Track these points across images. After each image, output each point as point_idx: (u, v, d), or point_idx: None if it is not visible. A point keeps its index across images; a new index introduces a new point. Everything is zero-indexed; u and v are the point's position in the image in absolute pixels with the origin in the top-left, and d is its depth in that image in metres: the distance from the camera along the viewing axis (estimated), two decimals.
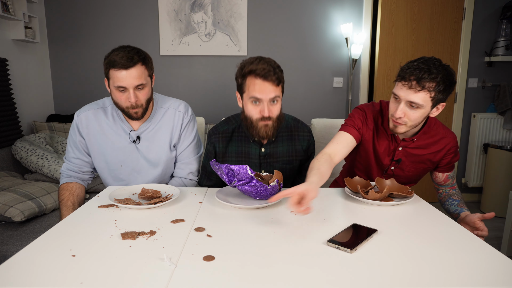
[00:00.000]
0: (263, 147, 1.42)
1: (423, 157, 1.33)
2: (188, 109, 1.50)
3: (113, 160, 1.44)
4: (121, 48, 1.30)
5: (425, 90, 1.12)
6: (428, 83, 1.12)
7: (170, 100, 1.50)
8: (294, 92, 3.14)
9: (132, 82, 1.27)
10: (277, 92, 1.29)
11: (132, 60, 1.26)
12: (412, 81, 1.13)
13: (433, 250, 0.87)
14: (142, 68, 1.29)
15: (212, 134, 1.46)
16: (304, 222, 1.04)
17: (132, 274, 0.75)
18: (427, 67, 1.12)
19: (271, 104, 1.30)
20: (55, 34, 3.01)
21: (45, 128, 2.71)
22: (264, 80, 1.26)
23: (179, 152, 1.50)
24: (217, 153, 1.45)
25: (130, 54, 1.27)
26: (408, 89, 1.14)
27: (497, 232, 2.70)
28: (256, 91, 1.27)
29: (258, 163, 1.44)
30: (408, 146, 1.32)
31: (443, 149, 1.32)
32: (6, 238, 1.72)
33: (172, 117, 1.46)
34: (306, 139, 1.46)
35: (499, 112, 3.18)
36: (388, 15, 2.99)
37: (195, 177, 1.54)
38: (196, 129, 1.54)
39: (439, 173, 1.40)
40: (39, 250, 0.85)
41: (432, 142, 1.32)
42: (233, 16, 3.00)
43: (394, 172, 1.39)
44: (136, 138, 1.43)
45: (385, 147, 1.34)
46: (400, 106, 1.17)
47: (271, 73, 1.25)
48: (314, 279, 0.74)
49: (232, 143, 1.44)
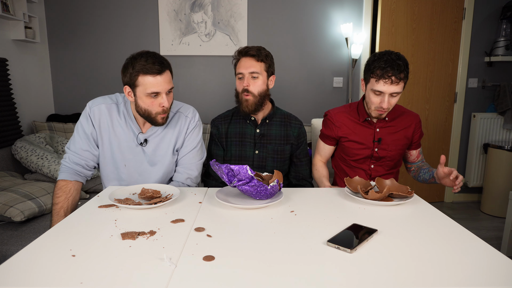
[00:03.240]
0: (258, 128, 1.58)
1: (398, 133, 1.55)
2: (195, 115, 1.49)
3: (118, 158, 1.42)
4: (144, 54, 1.28)
5: (401, 81, 1.39)
6: (400, 75, 1.38)
7: (179, 104, 1.50)
8: (294, 92, 3.14)
9: (165, 86, 1.29)
10: (257, 68, 1.49)
11: (163, 64, 1.28)
12: (391, 77, 1.37)
13: (433, 250, 0.87)
14: (169, 72, 1.32)
15: (215, 119, 1.65)
16: (304, 222, 1.04)
17: (132, 274, 0.75)
18: (396, 64, 1.37)
19: (251, 78, 1.50)
20: (55, 34, 3.01)
21: (45, 128, 2.71)
22: (245, 56, 1.50)
23: (181, 156, 1.48)
24: (221, 133, 1.61)
25: (159, 59, 1.28)
26: (390, 85, 1.38)
27: (497, 232, 2.70)
28: (240, 67, 1.51)
29: (253, 142, 1.58)
30: (384, 125, 1.55)
31: (412, 124, 1.56)
32: (6, 238, 1.72)
33: (180, 121, 1.45)
34: (297, 127, 1.62)
35: (499, 112, 3.18)
36: (388, 15, 2.99)
37: (194, 183, 1.51)
38: (201, 136, 1.52)
39: (412, 151, 1.63)
40: (39, 250, 0.85)
41: (400, 117, 1.55)
42: (233, 16, 3.00)
43: (379, 153, 1.55)
44: (144, 141, 1.42)
45: (366, 134, 1.55)
46: (386, 99, 1.41)
47: (253, 50, 1.49)
48: (314, 279, 0.74)
49: (231, 125, 1.61)
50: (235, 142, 1.59)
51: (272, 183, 1.15)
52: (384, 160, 1.56)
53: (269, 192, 1.16)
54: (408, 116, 1.57)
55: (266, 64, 1.51)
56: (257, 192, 1.15)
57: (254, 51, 1.49)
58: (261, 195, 1.16)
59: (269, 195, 1.17)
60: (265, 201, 1.17)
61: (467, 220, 2.96)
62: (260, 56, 1.49)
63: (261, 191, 1.15)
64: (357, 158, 1.58)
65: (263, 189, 1.14)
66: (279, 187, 1.19)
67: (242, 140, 1.58)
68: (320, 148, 1.68)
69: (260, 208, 1.14)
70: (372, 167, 1.58)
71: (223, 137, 1.60)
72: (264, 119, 1.59)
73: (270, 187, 1.15)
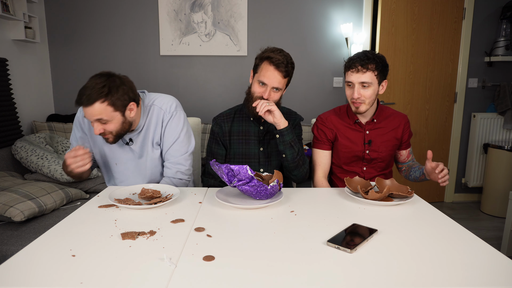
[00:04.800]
0: (262, 126, 1.57)
1: (388, 134, 1.57)
2: (171, 104, 1.45)
3: (109, 158, 1.47)
4: (81, 89, 1.25)
5: (369, 71, 1.42)
6: (370, 65, 1.42)
7: (155, 96, 1.47)
8: (294, 92, 3.14)
9: (91, 118, 1.28)
10: (282, 84, 1.46)
11: (89, 98, 1.24)
12: (357, 66, 1.42)
13: (433, 250, 0.87)
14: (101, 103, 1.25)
15: (217, 118, 1.61)
16: (304, 222, 1.04)
17: (132, 274, 0.75)
18: (364, 55, 1.43)
19: (273, 91, 1.46)
20: (55, 34, 3.01)
21: (45, 128, 2.71)
22: (275, 69, 1.42)
23: (165, 150, 1.46)
24: (224, 132, 1.58)
25: (88, 92, 1.24)
26: (357, 73, 1.43)
27: (497, 232, 2.70)
28: (265, 77, 1.43)
29: (257, 140, 1.57)
30: (373, 127, 1.56)
31: (400, 125, 1.58)
32: (6, 238, 1.72)
33: (155, 114, 1.43)
34: (298, 119, 1.63)
35: (499, 112, 3.18)
36: (388, 15, 2.99)
37: (186, 176, 1.48)
38: (184, 125, 1.47)
39: (402, 151, 1.65)
40: (39, 250, 0.85)
41: (388, 119, 1.58)
42: (233, 16, 3.00)
43: (371, 155, 1.56)
44: (129, 140, 1.44)
45: (356, 136, 1.57)
46: (355, 89, 1.44)
47: (283, 65, 1.43)
48: (314, 279, 0.74)
49: (234, 123, 1.58)
50: (239, 140, 1.58)
51: (272, 183, 1.15)
52: (376, 161, 1.57)
53: (269, 192, 1.16)
54: (396, 117, 1.59)
55: (289, 78, 1.49)
56: (257, 192, 1.15)
57: (284, 67, 1.42)
58: (261, 195, 1.16)
59: (269, 195, 1.17)
60: (265, 201, 1.17)
61: (467, 220, 2.96)
62: (288, 74, 1.45)
63: (261, 191, 1.15)
64: (349, 161, 1.59)
65: (263, 189, 1.14)
66: (279, 187, 1.19)
67: (246, 138, 1.58)
68: (318, 159, 1.61)
69: (260, 208, 1.14)
70: (365, 169, 1.59)
71: (227, 135, 1.58)
72: None
73: (270, 187, 1.15)
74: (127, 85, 1.30)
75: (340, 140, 1.58)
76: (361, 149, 1.56)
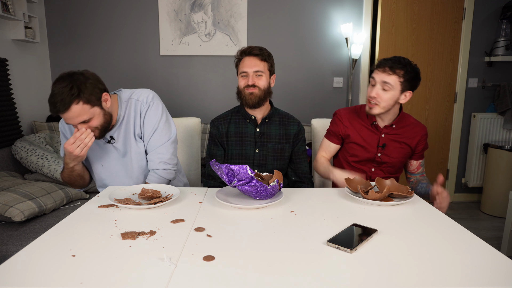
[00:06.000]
0: (258, 127, 1.60)
1: (402, 142, 1.56)
2: (147, 96, 1.46)
3: (94, 160, 1.48)
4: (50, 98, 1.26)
5: (395, 75, 1.42)
6: (398, 70, 1.42)
7: (131, 91, 1.48)
8: (294, 92, 3.14)
9: (73, 121, 1.29)
10: (261, 67, 1.52)
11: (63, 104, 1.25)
12: (385, 66, 1.43)
13: (433, 250, 0.87)
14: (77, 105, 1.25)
15: (215, 120, 1.65)
16: (304, 222, 1.04)
17: (132, 274, 0.75)
18: (398, 60, 1.43)
19: (256, 76, 1.52)
20: (55, 34, 3.01)
21: (45, 128, 2.71)
22: (249, 56, 1.53)
23: (147, 142, 1.46)
24: (221, 133, 1.62)
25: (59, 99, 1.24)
26: (382, 73, 1.43)
27: (497, 232, 2.70)
28: (244, 66, 1.53)
29: (253, 141, 1.59)
30: (390, 132, 1.55)
31: (418, 135, 1.56)
32: (6, 238, 1.72)
33: (132, 107, 1.44)
34: (297, 124, 1.65)
35: (499, 112, 3.18)
36: (388, 15, 2.99)
37: (169, 165, 1.47)
38: (162, 115, 1.47)
39: (413, 161, 1.62)
40: (39, 250, 0.85)
41: (407, 127, 1.56)
42: (233, 16, 3.00)
43: (382, 159, 1.56)
44: (110, 138, 1.44)
45: (371, 138, 1.57)
46: (375, 88, 1.45)
47: (256, 50, 1.52)
48: (314, 279, 0.74)
49: (231, 125, 1.62)
50: (236, 141, 1.60)
51: (272, 183, 1.15)
52: (386, 165, 1.58)
53: (269, 192, 1.16)
54: (415, 127, 1.57)
55: (268, 63, 1.55)
56: (257, 192, 1.15)
57: (258, 51, 1.52)
58: (261, 195, 1.16)
59: (269, 195, 1.17)
60: (265, 201, 1.17)
61: (467, 220, 2.96)
62: (263, 56, 1.52)
63: (261, 191, 1.15)
64: (359, 159, 1.59)
65: (263, 189, 1.14)
66: (279, 187, 1.19)
67: (242, 139, 1.60)
68: (325, 145, 1.67)
69: (260, 208, 1.14)
70: (373, 170, 1.59)
71: (224, 137, 1.61)
72: (264, 119, 1.61)
73: (270, 187, 1.15)
74: (92, 79, 1.29)
75: (352, 137, 1.58)
76: (374, 151, 1.56)
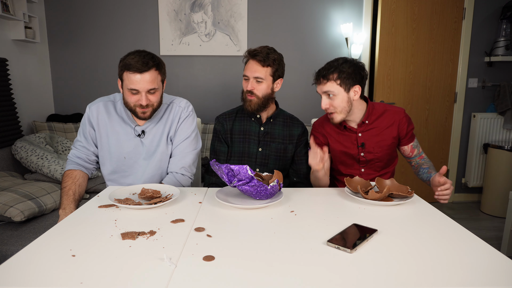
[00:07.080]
0: (262, 126, 1.60)
1: (382, 134, 1.52)
2: (188, 106, 1.54)
3: (117, 151, 1.48)
4: (137, 52, 1.35)
5: (331, 81, 1.42)
6: (331, 75, 1.41)
7: (173, 97, 1.56)
8: (294, 92, 3.14)
9: (145, 86, 1.34)
10: (263, 73, 1.49)
11: (147, 64, 1.32)
12: (319, 78, 1.45)
13: (433, 250, 0.87)
14: (155, 73, 1.35)
15: (220, 116, 1.66)
16: (304, 222, 1.04)
17: (132, 274, 0.75)
18: (328, 66, 1.43)
19: (255, 82, 1.50)
20: (55, 34, 3.00)
21: (45, 128, 2.71)
22: (253, 59, 1.50)
23: (175, 146, 1.51)
24: (225, 130, 1.62)
25: (146, 59, 1.32)
26: (320, 85, 1.45)
27: (497, 232, 2.71)
28: (246, 70, 1.52)
29: (257, 140, 1.60)
30: (365, 129, 1.52)
31: (395, 121, 1.52)
32: (6, 238, 1.72)
33: (173, 111, 1.51)
34: (301, 126, 1.65)
35: (499, 112, 3.18)
36: (388, 15, 2.99)
37: (188, 173, 1.52)
38: (195, 127, 1.55)
39: (404, 146, 1.58)
40: (39, 250, 0.85)
41: (381, 117, 1.52)
42: (233, 16, 3.00)
43: (366, 157, 1.54)
44: (141, 132, 1.47)
45: (349, 140, 1.55)
46: (323, 99, 1.46)
47: (260, 54, 1.48)
48: (314, 279, 0.74)
49: (236, 122, 1.62)
50: (239, 139, 1.60)
51: (272, 183, 1.15)
52: (373, 162, 1.55)
53: (269, 192, 1.16)
54: (389, 114, 1.52)
55: (272, 68, 1.51)
56: (257, 192, 1.15)
57: (262, 56, 1.48)
58: (261, 195, 1.16)
59: (269, 195, 1.17)
60: (265, 201, 1.17)
61: (467, 220, 2.96)
62: (266, 61, 1.48)
63: (261, 191, 1.15)
64: (346, 164, 1.58)
65: (263, 189, 1.14)
66: (279, 187, 1.19)
67: (246, 137, 1.60)
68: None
69: (260, 208, 1.15)
70: (363, 170, 1.57)
71: (228, 133, 1.61)
72: (269, 118, 1.61)
73: (270, 187, 1.15)
74: (163, 64, 1.41)
75: (332, 145, 1.58)
76: (356, 152, 1.54)
